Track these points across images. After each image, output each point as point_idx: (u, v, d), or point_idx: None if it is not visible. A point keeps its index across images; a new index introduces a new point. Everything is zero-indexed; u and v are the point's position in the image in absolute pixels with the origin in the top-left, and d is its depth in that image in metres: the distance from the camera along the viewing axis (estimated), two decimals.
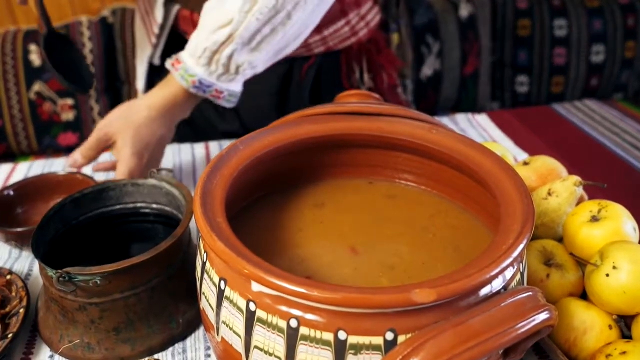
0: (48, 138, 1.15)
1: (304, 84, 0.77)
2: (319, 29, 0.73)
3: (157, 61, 0.77)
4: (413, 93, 1.22)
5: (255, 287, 0.32)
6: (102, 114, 1.19)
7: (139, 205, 0.52)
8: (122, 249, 0.52)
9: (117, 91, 1.19)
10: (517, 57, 1.35)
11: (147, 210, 0.51)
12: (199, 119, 0.81)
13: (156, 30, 0.72)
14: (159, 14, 0.71)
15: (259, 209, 0.46)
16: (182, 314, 0.45)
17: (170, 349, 0.44)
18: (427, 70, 1.24)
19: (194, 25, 0.71)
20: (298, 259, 0.40)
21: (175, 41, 0.76)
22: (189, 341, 0.45)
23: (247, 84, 0.78)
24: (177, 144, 0.76)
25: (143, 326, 0.43)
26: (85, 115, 1.16)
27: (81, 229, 0.50)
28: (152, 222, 0.52)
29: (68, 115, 1.15)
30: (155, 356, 0.43)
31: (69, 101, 1.14)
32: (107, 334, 0.42)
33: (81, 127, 1.16)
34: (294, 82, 0.77)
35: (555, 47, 1.30)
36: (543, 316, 0.31)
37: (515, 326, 0.30)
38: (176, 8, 0.71)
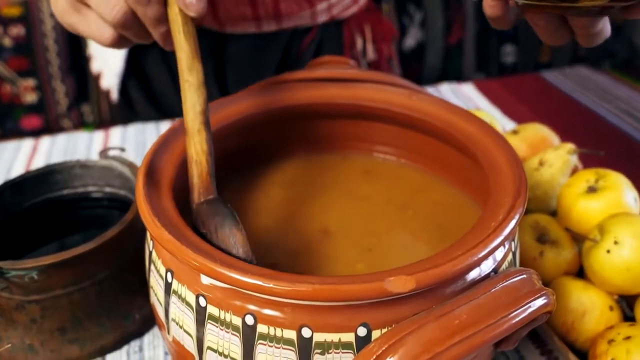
0: (10, 122, 1.08)
1: (303, 58, 0.71)
2: None
3: None
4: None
5: (205, 279, 0.27)
6: (69, 95, 1.12)
7: (89, 189, 0.46)
8: (75, 239, 0.47)
9: (82, 70, 1.12)
10: None
11: (99, 195, 0.46)
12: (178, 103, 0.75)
13: None
14: None
15: (220, 191, 0.41)
16: (139, 308, 0.41)
17: (125, 347, 0.40)
18: (409, 41, 1.19)
19: None
20: (265, 245, 0.36)
21: None
22: (147, 338, 0.40)
23: (246, 59, 0.73)
24: (142, 122, 0.71)
25: (92, 324, 0.38)
26: (49, 97, 1.09)
27: (25, 217, 0.45)
28: (106, 208, 0.47)
29: (31, 97, 1.08)
30: (108, 357, 0.39)
31: (31, 82, 1.07)
32: (51, 334, 0.37)
33: (45, 110, 1.10)
34: (292, 56, 0.72)
35: None
36: (540, 302, 0.27)
37: (508, 315, 0.26)
38: None
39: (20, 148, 0.66)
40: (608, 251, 0.35)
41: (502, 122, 0.68)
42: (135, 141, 0.65)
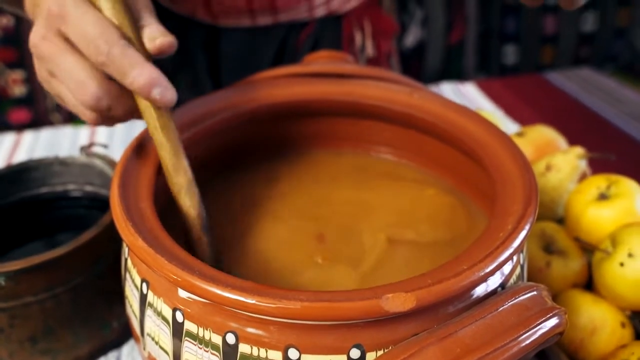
0: None
1: (300, 54, 0.68)
2: None
3: None
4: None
5: (182, 292, 0.25)
6: None
7: (69, 187, 0.44)
8: (52, 242, 0.44)
9: None
10: (505, 26, 1.27)
11: (79, 194, 0.44)
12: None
13: None
14: None
15: (205, 195, 0.38)
16: (117, 317, 0.38)
17: (102, 358, 0.37)
18: (409, 40, 1.16)
19: None
20: (258, 262, 0.33)
21: None
22: (125, 349, 0.38)
23: (241, 54, 0.70)
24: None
25: (67, 334, 0.36)
26: (38, 90, 1.06)
27: None
28: (86, 207, 0.44)
29: (19, 90, 1.05)
30: None
31: (20, 74, 1.04)
32: (20, 344, 0.35)
33: (34, 103, 1.07)
34: (288, 52, 0.69)
35: (545, 15, 1.23)
36: (552, 322, 0.24)
37: (517, 338, 0.23)
38: None
39: (2, 143, 0.63)
40: (621, 264, 0.33)
41: (504, 123, 0.66)
42: (123, 138, 0.63)
